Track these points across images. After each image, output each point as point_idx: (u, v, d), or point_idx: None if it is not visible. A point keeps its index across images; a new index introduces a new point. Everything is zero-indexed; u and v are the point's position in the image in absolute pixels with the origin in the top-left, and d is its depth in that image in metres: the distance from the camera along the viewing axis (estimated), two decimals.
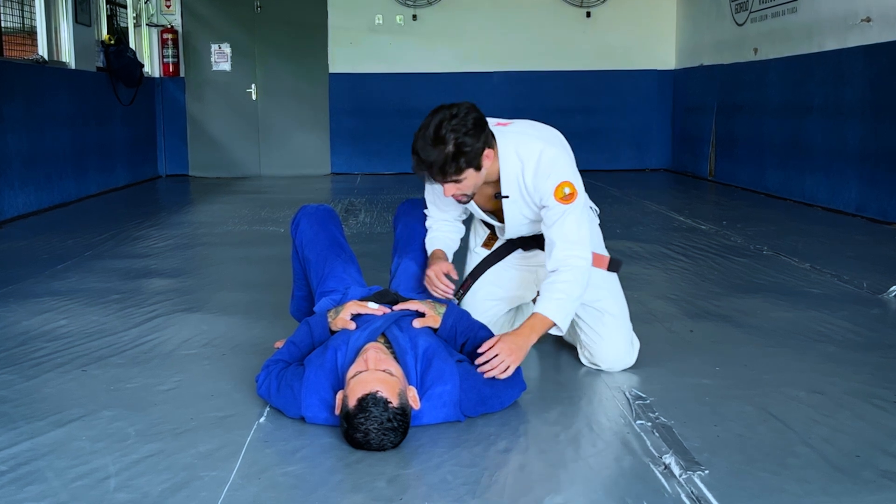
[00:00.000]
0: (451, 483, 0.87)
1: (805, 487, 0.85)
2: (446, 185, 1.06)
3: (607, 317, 1.18)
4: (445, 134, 1.02)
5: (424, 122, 1.04)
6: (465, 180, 1.05)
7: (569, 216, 1.08)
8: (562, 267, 1.07)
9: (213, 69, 4.52)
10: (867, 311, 1.55)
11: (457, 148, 1.02)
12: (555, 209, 1.07)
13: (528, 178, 1.07)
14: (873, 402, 1.08)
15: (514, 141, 1.09)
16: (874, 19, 2.71)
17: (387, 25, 4.49)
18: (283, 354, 1.09)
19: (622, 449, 0.95)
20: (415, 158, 1.05)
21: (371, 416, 0.91)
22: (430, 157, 1.03)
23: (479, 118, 1.05)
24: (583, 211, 1.10)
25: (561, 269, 1.07)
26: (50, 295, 1.72)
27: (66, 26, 3.37)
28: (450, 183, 1.05)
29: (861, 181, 2.78)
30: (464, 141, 1.02)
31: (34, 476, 0.88)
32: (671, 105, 4.59)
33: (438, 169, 1.03)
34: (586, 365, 1.22)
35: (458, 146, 1.02)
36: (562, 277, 1.07)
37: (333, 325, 1.08)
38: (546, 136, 1.12)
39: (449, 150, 1.02)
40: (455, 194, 1.07)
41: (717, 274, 1.92)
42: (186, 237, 2.51)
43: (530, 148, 1.07)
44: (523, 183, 1.08)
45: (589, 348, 1.20)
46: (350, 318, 1.07)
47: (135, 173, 4.11)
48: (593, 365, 1.21)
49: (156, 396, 1.13)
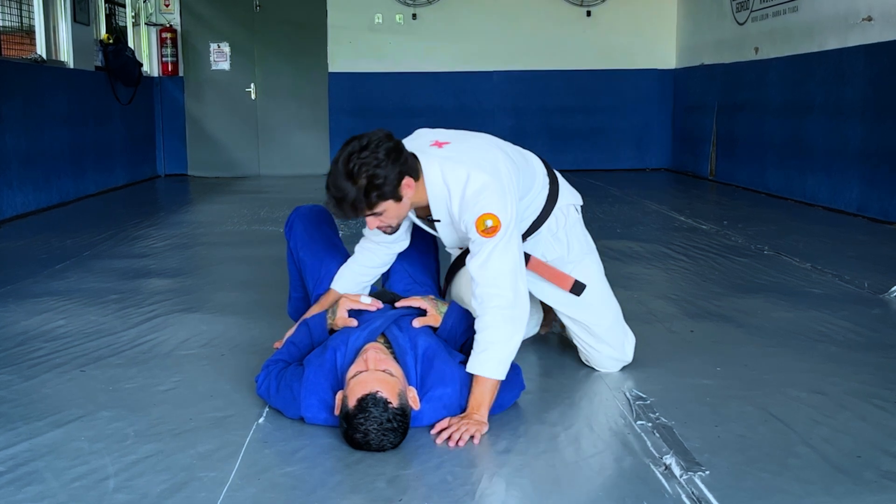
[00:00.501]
0: (450, 484, 0.86)
1: (806, 488, 0.85)
2: (368, 219, 1.00)
3: (595, 328, 1.17)
4: (355, 167, 0.95)
5: (335, 158, 0.97)
6: (384, 212, 0.99)
7: (489, 251, 0.99)
8: (481, 310, 1.00)
9: (212, 68, 4.52)
10: (868, 312, 1.54)
11: (369, 181, 0.95)
12: (476, 242, 1.00)
13: (454, 207, 1.01)
14: (874, 403, 1.08)
15: (441, 166, 1.01)
16: (875, 18, 2.70)
17: (386, 24, 4.48)
18: (283, 354, 1.08)
19: (622, 449, 0.95)
20: (328, 196, 0.98)
21: (371, 417, 0.91)
22: (343, 193, 0.96)
23: (392, 147, 0.97)
24: (508, 243, 1.00)
25: (481, 313, 1.00)
26: (48, 295, 1.72)
27: (65, 25, 3.36)
28: (370, 217, 1.00)
29: (862, 181, 2.77)
30: (375, 173, 0.95)
31: (33, 477, 0.88)
32: (672, 104, 4.58)
33: (351, 205, 0.97)
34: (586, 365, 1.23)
35: (371, 179, 0.95)
36: (483, 325, 0.99)
37: (334, 324, 1.08)
38: (476, 160, 1.02)
39: (361, 183, 0.96)
40: (380, 226, 1.02)
41: (717, 274, 1.91)
42: (185, 237, 2.51)
43: (456, 175, 1.00)
44: (451, 211, 1.02)
45: (583, 355, 1.21)
46: (348, 314, 1.06)
47: (133, 173, 4.10)
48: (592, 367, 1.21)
49: (155, 397, 1.12)
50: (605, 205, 3.16)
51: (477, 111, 4.54)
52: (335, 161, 0.98)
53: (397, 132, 0.97)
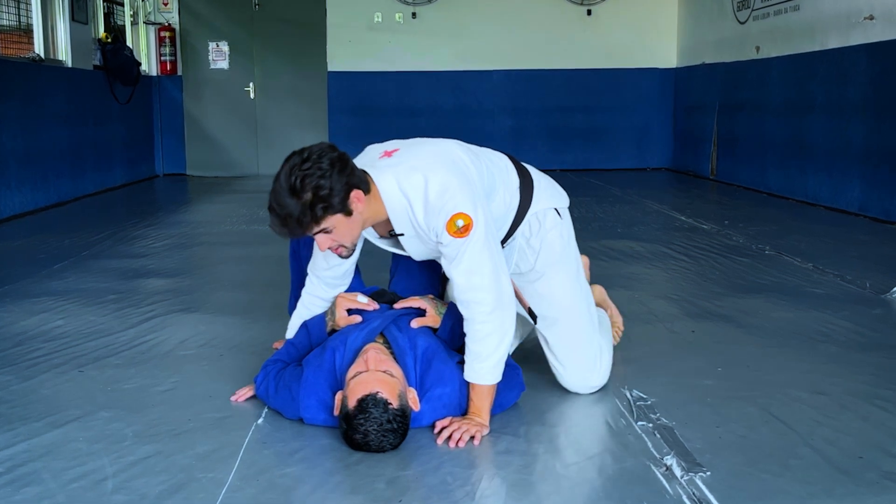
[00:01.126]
0: (450, 485, 0.86)
1: (807, 489, 0.84)
2: (318, 239, 0.92)
3: (555, 347, 1.06)
4: (297, 181, 0.88)
5: (276, 175, 0.90)
6: (334, 229, 0.91)
7: (465, 252, 0.93)
8: (466, 316, 0.96)
9: (210, 67, 4.51)
10: (870, 312, 1.54)
11: (314, 193, 0.88)
12: (451, 245, 0.93)
13: (418, 216, 0.94)
14: (876, 403, 1.08)
15: (395, 175, 0.94)
16: (877, 17, 2.69)
17: (386, 23, 4.48)
18: (282, 355, 1.08)
19: (623, 450, 0.94)
20: (271, 216, 0.90)
21: (371, 418, 0.90)
22: (287, 210, 0.89)
23: (336, 158, 0.90)
24: (484, 241, 0.94)
25: (467, 319, 0.96)
26: (47, 295, 1.72)
27: (63, 24, 3.35)
28: (319, 235, 0.92)
29: (864, 180, 2.76)
30: (319, 184, 0.88)
31: (31, 478, 0.88)
32: (672, 104, 4.57)
33: (297, 221, 0.89)
34: None
35: (315, 191, 0.88)
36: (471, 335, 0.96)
37: (336, 324, 1.06)
38: (430, 161, 0.95)
39: (306, 197, 0.88)
40: (332, 247, 0.93)
41: (718, 274, 1.91)
42: (184, 237, 2.50)
43: (413, 182, 0.93)
44: (415, 221, 0.95)
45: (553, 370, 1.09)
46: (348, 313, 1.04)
47: (132, 172, 4.09)
48: None
49: (153, 397, 1.12)
50: (606, 204, 3.14)
51: (477, 110, 4.53)
52: (276, 178, 0.90)
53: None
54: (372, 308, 1.05)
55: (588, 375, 1.09)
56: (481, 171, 1.00)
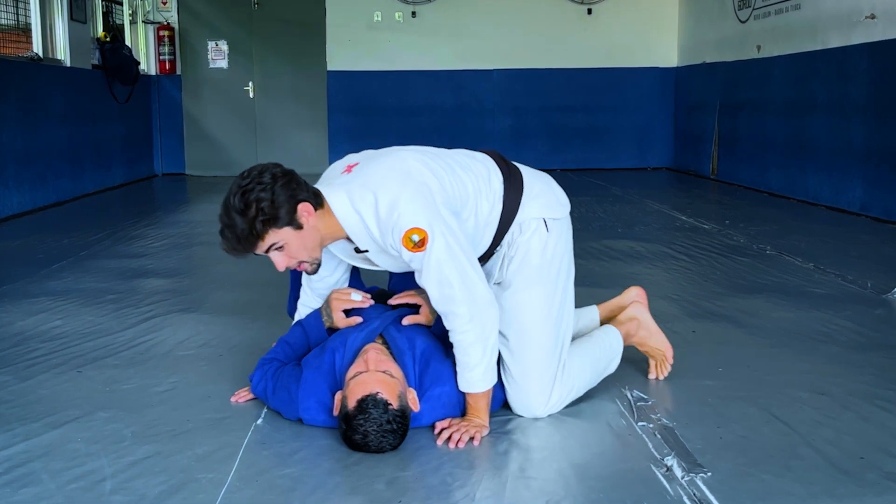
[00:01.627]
0: (450, 485, 0.86)
1: (809, 489, 0.84)
2: (273, 258, 0.92)
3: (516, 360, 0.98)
4: (237, 198, 0.89)
5: (223, 200, 0.91)
6: (286, 245, 0.91)
7: (428, 265, 0.91)
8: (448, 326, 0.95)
9: (209, 67, 4.50)
10: (871, 312, 1.54)
11: (256, 208, 0.88)
12: (413, 260, 0.92)
13: (375, 233, 0.93)
14: (877, 404, 1.07)
15: (347, 192, 0.93)
16: (879, 16, 2.68)
17: (385, 22, 4.47)
18: (278, 354, 1.07)
19: (623, 451, 0.94)
20: (221, 237, 0.91)
21: (371, 418, 0.90)
22: (232, 229, 0.89)
23: (279, 173, 0.90)
24: (446, 251, 0.91)
25: (449, 329, 0.95)
26: (45, 295, 1.71)
27: (62, 23, 3.34)
28: (273, 252, 0.91)
29: (865, 180, 2.76)
30: (260, 197, 0.88)
31: (29, 478, 0.88)
32: (673, 103, 4.57)
33: (242, 239, 0.89)
34: None
35: (257, 203, 0.88)
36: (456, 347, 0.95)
37: (335, 324, 1.05)
38: (380, 176, 0.92)
39: (249, 214, 0.89)
40: (291, 265, 0.93)
41: (719, 274, 1.90)
42: (183, 237, 2.50)
43: (363, 199, 0.92)
44: (374, 237, 0.93)
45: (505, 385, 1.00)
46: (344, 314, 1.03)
47: (131, 172, 4.09)
48: None
49: (152, 398, 1.12)
50: (606, 204, 3.14)
51: (477, 110, 4.52)
52: (223, 202, 0.91)
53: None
54: (367, 304, 1.04)
55: (531, 402, 1.00)
56: (443, 180, 0.96)
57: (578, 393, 1.05)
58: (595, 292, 1.44)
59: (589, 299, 1.29)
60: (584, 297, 1.26)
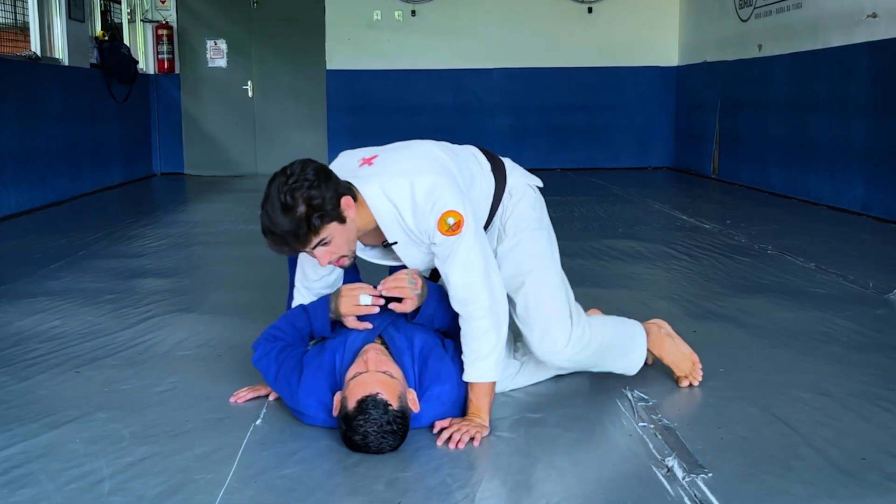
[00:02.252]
0: (450, 486, 0.86)
1: (810, 490, 0.84)
2: (317, 253, 0.92)
3: (531, 298, 1.00)
4: (287, 197, 0.89)
5: (265, 196, 0.91)
6: (332, 240, 0.92)
7: (458, 250, 0.94)
8: (463, 316, 0.97)
9: (208, 66, 4.49)
10: (872, 312, 1.53)
11: (307, 204, 0.89)
12: (444, 244, 0.94)
13: (408, 221, 0.94)
14: (879, 404, 1.07)
15: (379, 183, 0.95)
16: (880, 15, 2.68)
17: (385, 21, 4.46)
18: (285, 334, 1.04)
19: (624, 452, 0.94)
20: (268, 237, 0.91)
21: (370, 419, 0.90)
22: (284, 227, 0.89)
23: (319, 168, 0.92)
24: (475, 237, 0.95)
25: (463, 319, 0.97)
26: (43, 295, 1.71)
27: (60, 22, 3.34)
28: (318, 248, 0.92)
29: (867, 179, 2.75)
30: (311, 195, 0.89)
31: (27, 479, 0.87)
32: (674, 102, 4.55)
33: (295, 236, 0.89)
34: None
35: (308, 202, 0.89)
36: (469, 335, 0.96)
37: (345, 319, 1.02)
38: (413, 164, 0.96)
39: (300, 211, 0.89)
40: (332, 260, 0.93)
41: (720, 274, 1.90)
42: (182, 236, 2.49)
43: (398, 187, 0.94)
44: (406, 226, 0.95)
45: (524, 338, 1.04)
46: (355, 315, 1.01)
47: (129, 171, 4.08)
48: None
49: (151, 398, 1.11)
50: (607, 204, 3.13)
51: (477, 109, 4.51)
52: (265, 200, 0.91)
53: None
54: (375, 310, 1.01)
55: (556, 337, 1.01)
56: (461, 166, 1.02)
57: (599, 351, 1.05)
58: (595, 292, 1.44)
59: (589, 299, 1.29)
60: (585, 297, 1.25)
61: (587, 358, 1.06)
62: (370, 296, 1.01)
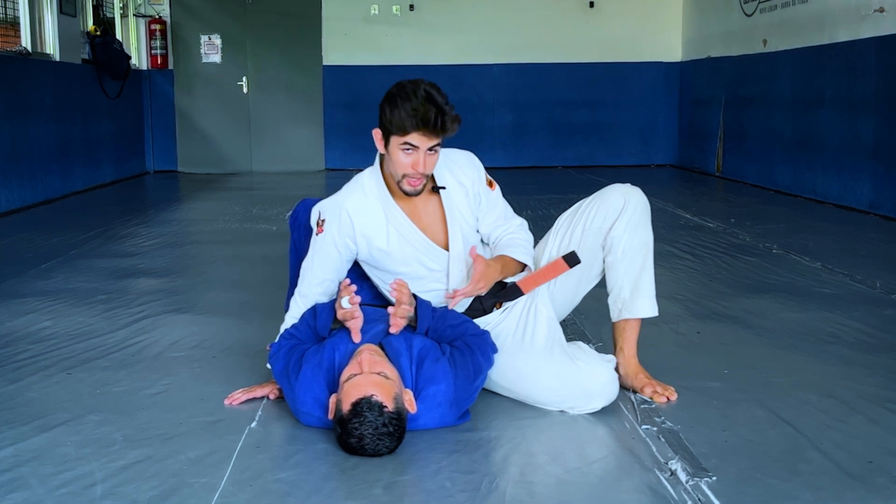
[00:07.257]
0: (449, 490, 0.85)
1: (817, 494, 0.83)
2: (427, 156, 1.02)
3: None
4: (441, 93, 1.03)
5: (414, 88, 1.01)
6: (438, 152, 1.04)
7: (500, 200, 1.15)
8: (512, 230, 1.13)
9: (202, 61, 4.46)
10: (880, 312, 1.52)
11: (447, 103, 1.03)
12: (487, 195, 1.13)
13: (463, 168, 1.12)
14: (887, 406, 1.06)
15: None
16: (888, 10, 2.65)
17: (383, 16, 4.43)
18: (302, 333, 1.05)
19: (627, 455, 0.93)
20: (438, 97, 1.01)
21: (366, 421, 0.89)
22: (445, 108, 1.01)
23: None
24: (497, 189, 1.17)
25: (511, 233, 1.13)
26: (34, 295, 1.69)
27: (51, 17, 3.31)
28: (434, 148, 1.03)
29: (874, 177, 2.72)
30: (452, 105, 1.04)
31: (18, 483, 0.86)
32: (678, 98, 4.53)
33: (443, 120, 1.00)
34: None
35: (446, 100, 1.03)
36: (519, 234, 1.13)
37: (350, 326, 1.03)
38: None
39: (450, 107, 1.02)
40: (422, 171, 1.02)
41: (725, 273, 1.89)
42: (175, 235, 2.48)
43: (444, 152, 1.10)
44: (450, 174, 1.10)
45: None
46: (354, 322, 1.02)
47: (122, 169, 4.05)
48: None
49: (143, 400, 1.10)
50: None
51: (477, 105, 4.48)
52: (431, 87, 1.01)
53: None
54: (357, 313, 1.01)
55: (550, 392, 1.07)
56: None
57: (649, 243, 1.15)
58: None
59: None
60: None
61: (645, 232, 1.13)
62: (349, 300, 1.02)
